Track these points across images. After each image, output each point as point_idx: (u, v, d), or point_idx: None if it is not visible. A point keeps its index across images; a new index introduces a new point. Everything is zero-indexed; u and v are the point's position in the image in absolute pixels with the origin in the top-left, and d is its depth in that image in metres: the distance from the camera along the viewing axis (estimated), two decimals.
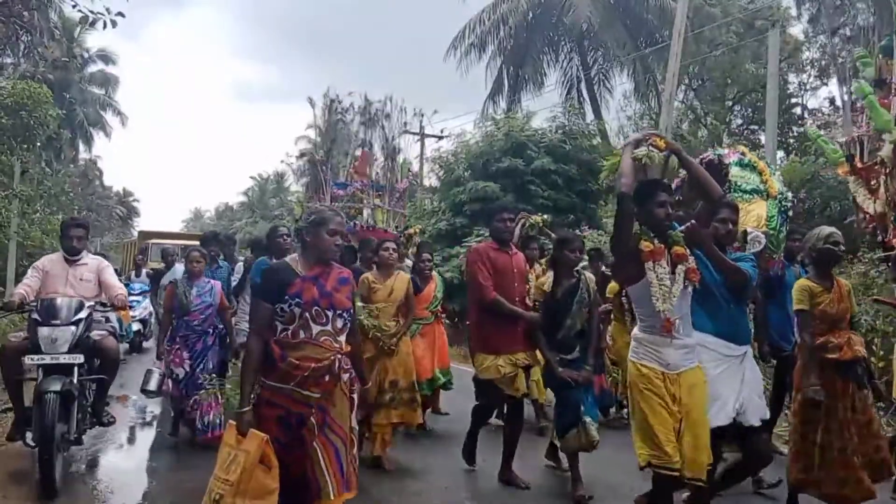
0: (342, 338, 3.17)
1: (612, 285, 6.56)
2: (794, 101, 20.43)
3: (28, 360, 4.66)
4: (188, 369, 5.81)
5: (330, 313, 3.09)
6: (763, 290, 5.46)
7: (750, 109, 20.71)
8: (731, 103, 21.24)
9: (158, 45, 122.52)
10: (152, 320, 11.65)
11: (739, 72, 19.02)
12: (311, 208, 3.57)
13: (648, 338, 3.47)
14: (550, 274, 4.95)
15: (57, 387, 4.44)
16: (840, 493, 3.94)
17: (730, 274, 3.75)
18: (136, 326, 11.87)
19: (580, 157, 15.50)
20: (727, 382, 3.74)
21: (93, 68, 33.15)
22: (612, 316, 6.78)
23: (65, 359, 4.65)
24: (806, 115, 20.46)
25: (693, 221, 3.67)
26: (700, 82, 21.69)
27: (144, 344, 12.19)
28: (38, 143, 14.74)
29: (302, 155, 47.53)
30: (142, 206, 46.27)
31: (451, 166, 17.01)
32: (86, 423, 5.11)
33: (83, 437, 5.08)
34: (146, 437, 6.61)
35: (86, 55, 31.80)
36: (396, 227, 8.46)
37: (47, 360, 4.63)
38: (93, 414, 5.23)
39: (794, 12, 19.77)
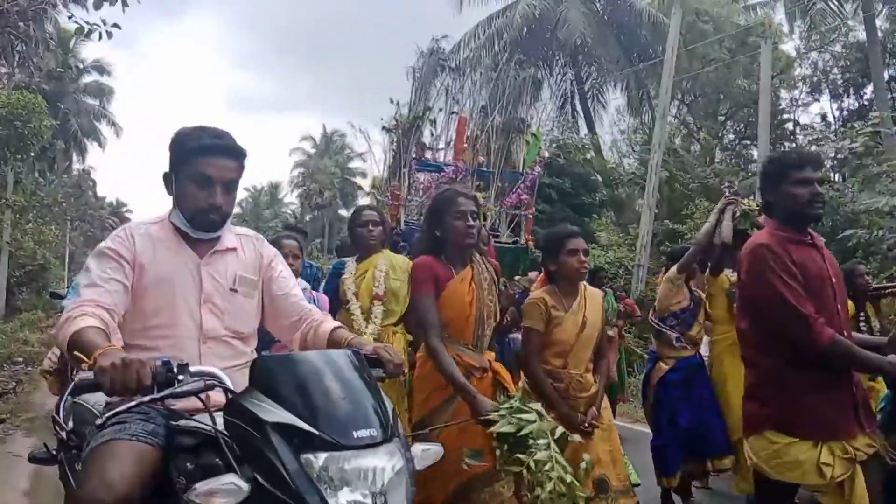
0: None
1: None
2: (786, 116, 20.62)
3: None
4: None
5: None
6: None
7: (742, 125, 20.89)
8: (723, 118, 21.41)
9: (154, 55, 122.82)
10: None
11: (732, 87, 19.19)
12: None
13: None
14: None
15: None
16: None
17: None
18: None
19: (574, 171, 15.61)
20: None
21: (88, 79, 33.12)
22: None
23: None
24: (798, 131, 20.63)
25: None
26: (693, 97, 21.85)
27: None
28: (32, 154, 14.74)
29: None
30: (135, 217, 46.18)
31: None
32: None
33: None
34: None
35: (81, 66, 31.78)
36: (515, 240, 5.53)
37: None
38: None
39: (785, 29, 19.99)
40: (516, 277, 5.20)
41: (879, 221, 10.13)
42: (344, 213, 47.69)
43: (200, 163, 2.10)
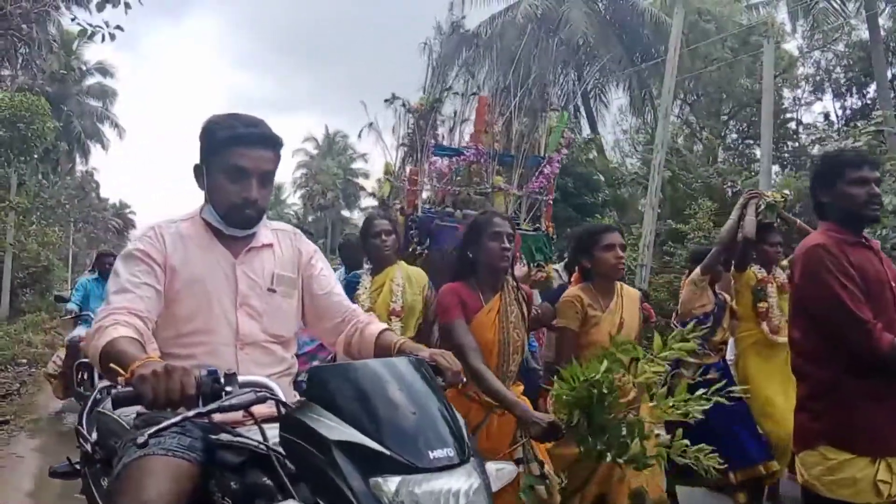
0: None
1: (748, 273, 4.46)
2: (788, 115, 20.57)
3: None
4: None
5: None
6: None
7: (745, 124, 20.85)
8: (726, 118, 21.38)
9: (156, 56, 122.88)
10: None
11: (734, 87, 19.16)
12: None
13: None
14: None
15: None
16: None
17: None
18: None
19: (577, 171, 15.60)
20: None
21: (91, 81, 33.20)
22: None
23: None
24: (801, 130, 20.61)
25: None
26: (695, 97, 21.82)
27: None
28: (35, 156, 14.76)
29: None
30: (137, 219, 46.23)
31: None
32: None
33: None
34: None
35: (84, 68, 31.86)
36: (536, 227, 5.10)
37: None
38: None
39: (788, 28, 19.97)
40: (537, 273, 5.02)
41: (884, 220, 10.10)
42: (347, 213, 47.78)
43: (234, 154, 1.89)
